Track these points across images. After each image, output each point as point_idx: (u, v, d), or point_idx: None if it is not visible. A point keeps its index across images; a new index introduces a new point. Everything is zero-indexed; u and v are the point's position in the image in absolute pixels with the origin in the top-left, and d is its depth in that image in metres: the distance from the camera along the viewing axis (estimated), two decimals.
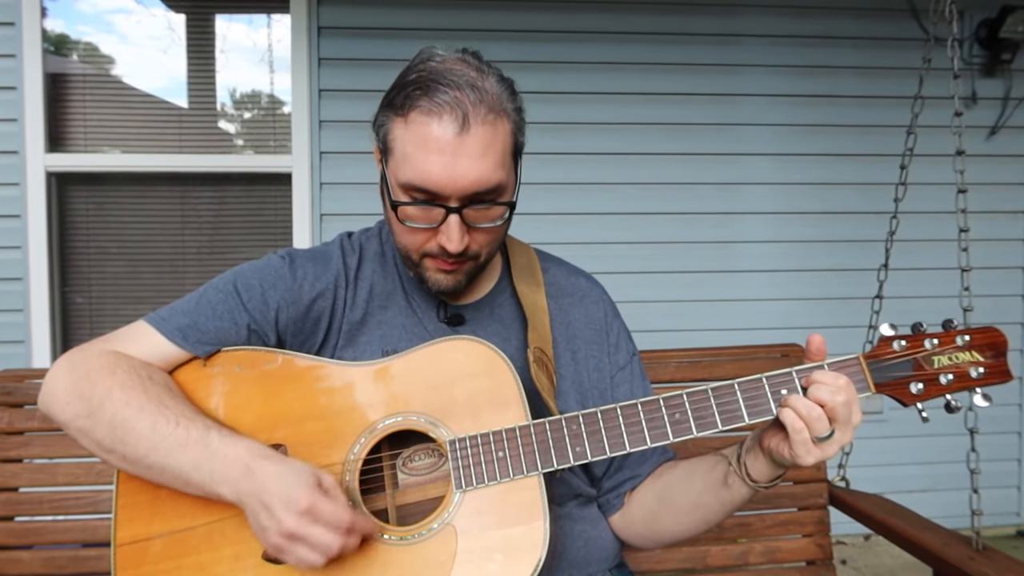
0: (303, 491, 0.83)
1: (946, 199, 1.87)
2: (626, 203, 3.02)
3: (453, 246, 0.94)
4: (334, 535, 0.83)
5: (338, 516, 0.83)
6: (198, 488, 0.90)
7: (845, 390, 0.86)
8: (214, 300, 1.03)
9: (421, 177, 0.92)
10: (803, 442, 0.86)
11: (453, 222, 0.94)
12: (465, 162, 0.91)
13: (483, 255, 1.02)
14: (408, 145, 0.93)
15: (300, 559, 0.84)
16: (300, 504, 0.82)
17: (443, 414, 0.96)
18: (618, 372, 1.14)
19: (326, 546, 0.83)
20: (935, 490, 3.13)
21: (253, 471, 0.86)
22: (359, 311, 1.08)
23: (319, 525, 0.83)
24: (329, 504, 0.83)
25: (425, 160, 0.91)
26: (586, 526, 1.11)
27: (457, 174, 0.91)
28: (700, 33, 3.03)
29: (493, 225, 0.98)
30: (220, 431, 0.92)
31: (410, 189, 0.94)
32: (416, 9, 2.88)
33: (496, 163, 0.93)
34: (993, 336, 0.92)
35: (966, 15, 3.07)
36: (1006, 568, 1.29)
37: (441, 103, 0.90)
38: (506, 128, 0.95)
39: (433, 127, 0.90)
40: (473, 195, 0.93)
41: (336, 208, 2.90)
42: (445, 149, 0.90)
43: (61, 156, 2.81)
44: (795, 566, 1.56)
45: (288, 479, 0.84)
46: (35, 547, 1.44)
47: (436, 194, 0.92)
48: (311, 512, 0.82)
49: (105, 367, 0.95)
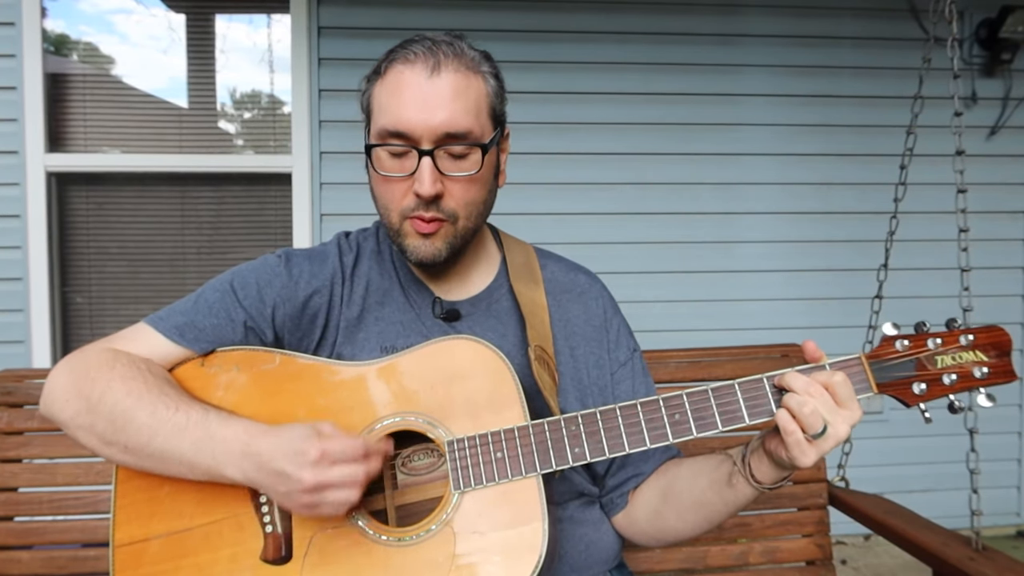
0: (308, 444, 0.84)
1: (946, 199, 1.87)
2: (626, 203, 3.02)
3: (425, 189, 0.95)
4: (355, 465, 0.85)
5: (351, 447, 0.85)
6: (203, 472, 0.90)
7: (841, 384, 0.87)
8: (211, 299, 1.04)
9: (393, 120, 0.95)
10: (796, 443, 0.86)
11: (425, 164, 0.95)
12: (435, 102, 0.94)
13: (461, 217, 1.01)
14: (383, 96, 0.98)
15: (336, 503, 0.85)
16: (311, 455, 0.83)
17: (442, 414, 0.96)
18: (619, 369, 1.14)
19: (352, 478, 0.85)
20: (935, 490, 3.13)
21: (253, 447, 0.87)
22: (356, 308, 1.08)
23: (337, 465, 0.84)
24: (337, 442, 0.85)
25: (398, 104, 0.95)
26: (588, 529, 1.10)
27: (427, 114, 0.94)
28: (700, 33, 3.03)
29: (467, 175, 0.98)
30: (219, 414, 0.93)
31: (384, 136, 0.97)
32: (416, 9, 2.89)
33: (467, 109, 0.96)
34: (997, 335, 0.91)
35: (966, 15, 3.07)
36: (1006, 568, 1.29)
37: (416, 52, 0.96)
38: (480, 86, 0.99)
39: (406, 73, 0.96)
40: (444, 135, 0.95)
41: (336, 208, 2.90)
42: (416, 92, 0.95)
43: (61, 156, 2.81)
44: (795, 566, 1.55)
45: (290, 440, 0.86)
46: (35, 547, 1.44)
47: (407, 136, 0.95)
48: (324, 457, 0.84)
49: (104, 363, 0.96)
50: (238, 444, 0.88)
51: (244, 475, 0.88)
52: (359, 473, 0.85)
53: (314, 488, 0.84)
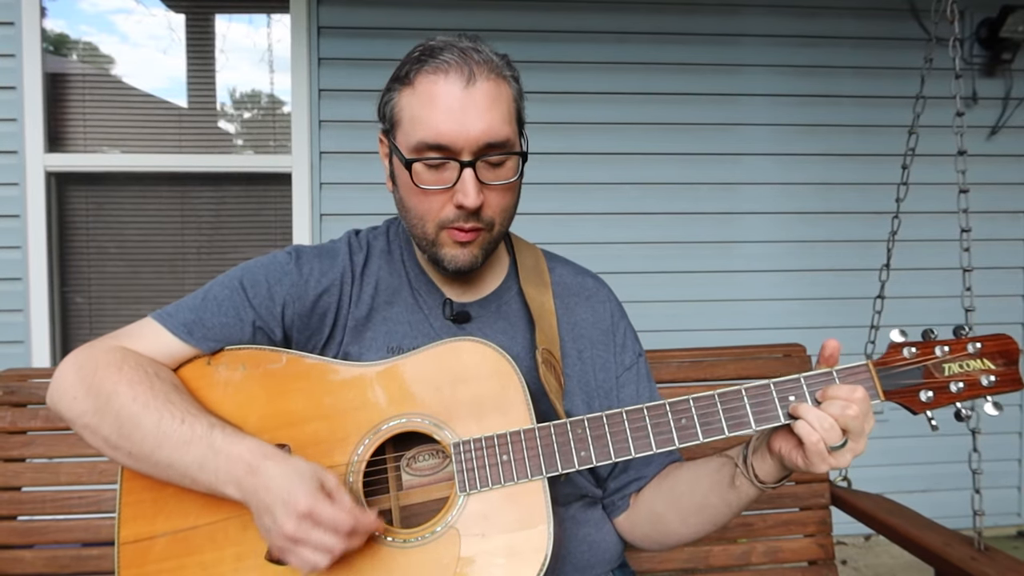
0: (302, 494, 0.82)
1: (947, 199, 1.87)
2: (626, 203, 3.02)
3: (470, 200, 0.94)
4: (335, 538, 0.83)
5: (338, 519, 0.82)
6: (204, 486, 0.90)
7: (859, 404, 0.85)
8: (220, 296, 1.03)
9: (432, 133, 0.93)
10: (818, 453, 0.85)
11: (468, 176, 0.94)
12: (474, 113, 0.93)
13: (496, 224, 1.01)
14: (416, 107, 0.95)
15: (303, 561, 0.84)
16: (299, 507, 0.82)
17: (447, 416, 0.96)
18: (624, 372, 1.14)
19: (327, 549, 0.83)
20: (936, 490, 3.13)
21: (256, 471, 0.86)
22: (364, 307, 1.08)
23: (319, 529, 0.82)
24: (329, 508, 0.83)
25: (435, 116, 0.93)
26: (590, 529, 1.10)
27: (467, 125, 0.92)
28: (700, 33, 3.02)
29: (506, 183, 0.98)
30: (224, 429, 0.92)
31: (422, 149, 0.95)
32: (416, 9, 2.88)
33: (503, 118, 0.95)
34: (1005, 343, 0.91)
35: (967, 15, 3.07)
36: (1008, 568, 1.29)
37: (447, 61, 0.94)
38: (508, 91, 0.98)
39: (440, 84, 0.93)
40: (485, 146, 0.94)
41: (336, 208, 2.90)
42: (454, 103, 0.93)
43: (61, 156, 2.81)
44: (797, 566, 1.55)
45: (289, 480, 0.84)
46: (37, 546, 1.44)
47: (448, 148, 0.93)
48: (311, 516, 0.82)
49: (112, 363, 0.95)
50: (243, 464, 0.87)
51: (242, 495, 0.87)
52: (336, 547, 0.83)
53: (290, 539, 0.83)
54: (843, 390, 0.87)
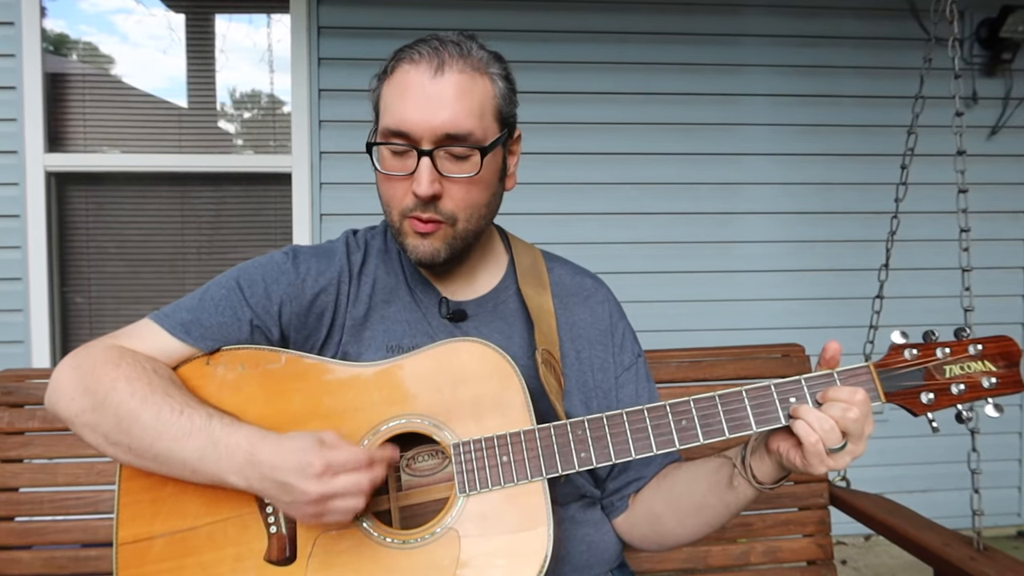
0: (311, 456, 0.84)
1: (947, 199, 1.87)
2: (626, 203, 3.02)
3: (422, 189, 0.95)
4: (359, 474, 0.85)
5: (355, 457, 0.85)
6: (207, 477, 0.91)
7: (860, 406, 0.85)
8: (217, 296, 1.04)
9: (396, 120, 0.95)
10: (817, 454, 0.85)
11: (423, 164, 0.95)
12: (437, 102, 0.94)
13: (460, 219, 1.00)
14: (388, 96, 0.98)
15: (342, 511, 0.86)
16: (315, 468, 0.83)
17: (447, 416, 0.96)
18: (623, 373, 1.14)
19: (358, 487, 0.85)
20: (935, 490, 3.13)
21: (256, 456, 0.87)
22: (362, 306, 1.08)
23: (341, 475, 0.84)
24: (340, 452, 0.85)
25: (402, 103, 0.95)
26: (589, 529, 1.10)
27: (429, 114, 0.94)
28: (701, 33, 3.02)
29: (466, 177, 0.97)
30: (222, 419, 0.92)
31: (387, 135, 0.97)
32: (416, 9, 2.88)
33: (470, 111, 0.96)
34: (1006, 345, 0.90)
35: (967, 15, 3.07)
36: (1007, 568, 1.29)
37: (421, 52, 0.96)
38: (487, 87, 0.98)
39: (411, 74, 0.96)
40: (444, 136, 0.95)
41: (336, 208, 2.90)
42: (419, 92, 0.94)
43: (61, 156, 2.81)
44: (796, 566, 1.55)
45: (293, 452, 0.85)
46: (35, 547, 1.44)
47: (408, 135, 0.95)
48: (328, 469, 0.84)
49: (110, 361, 0.95)
50: (241, 453, 0.88)
51: (247, 483, 0.88)
52: (364, 481, 0.85)
53: (319, 499, 0.84)
54: (844, 392, 0.86)
